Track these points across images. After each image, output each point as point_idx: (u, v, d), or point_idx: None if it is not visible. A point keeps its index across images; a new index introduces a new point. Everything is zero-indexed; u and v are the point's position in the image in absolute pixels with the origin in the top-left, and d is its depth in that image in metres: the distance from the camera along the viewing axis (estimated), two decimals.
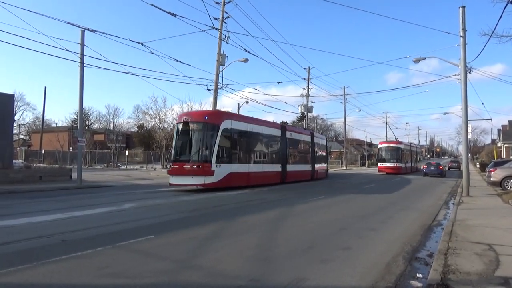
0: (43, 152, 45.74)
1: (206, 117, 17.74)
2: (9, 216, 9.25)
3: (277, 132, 23.60)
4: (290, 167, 24.63)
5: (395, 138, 56.15)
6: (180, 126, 18.15)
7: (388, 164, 39.07)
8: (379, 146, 43.22)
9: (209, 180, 16.76)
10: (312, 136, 30.08)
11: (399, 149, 39.86)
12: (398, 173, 37.88)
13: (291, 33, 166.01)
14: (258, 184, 20.04)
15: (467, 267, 5.25)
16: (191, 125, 17.85)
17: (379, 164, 41.19)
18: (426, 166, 37.14)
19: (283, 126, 25.53)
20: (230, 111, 23.93)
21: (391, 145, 40.93)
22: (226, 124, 17.95)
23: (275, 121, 26.25)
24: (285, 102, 50.17)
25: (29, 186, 17.88)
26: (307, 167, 28.12)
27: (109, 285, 4.56)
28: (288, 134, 24.74)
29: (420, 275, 5.30)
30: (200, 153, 17.18)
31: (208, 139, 17.27)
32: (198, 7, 67.81)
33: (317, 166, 30.14)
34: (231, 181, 17.91)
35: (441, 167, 36.01)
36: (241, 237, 7.45)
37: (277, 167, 22.95)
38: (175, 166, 17.36)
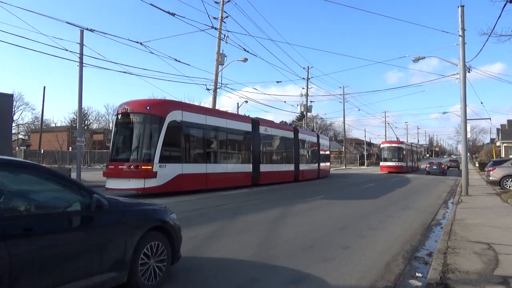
0: (42, 152, 45.68)
1: (148, 107, 14.77)
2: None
3: (247, 127, 20.52)
4: (265, 167, 21.85)
5: (397, 138, 57.39)
6: (119, 118, 15.42)
7: (390, 163, 40.21)
8: (381, 145, 44.14)
9: (150, 183, 13.94)
10: (296, 132, 26.65)
11: (401, 149, 40.85)
12: (400, 172, 38.92)
13: (290, 33, 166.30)
14: (220, 187, 17.41)
15: (466, 266, 5.26)
16: (131, 117, 15.01)
17: (381, 163, 42.15)
18: (429, 165, 38.86)
19: (256, 120, 21.91)
20: (205, 105, 21.81)
21: (393, 144, 41.93)
22: (174, 116, 15.07)
23: (248, 115, 22.79)
24: (284, 101, 50.33)
25: None
26: (289, 167, 24.97)
27: None
28: (262, 129, 21.86)
29: (420, 274, 5.32)
30: (139, 151, 14.44)
31: (151, 133, 14.57)
32: (197, 7, 67.69)
33: (303, 166, 27.23)
34: (182, 184, 15.17)
35: (442, 166, 38.16)
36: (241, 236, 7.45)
37: (247, 167, 20.21)
38: (110, 167, 14.69)
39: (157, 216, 4.51)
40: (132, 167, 14.01)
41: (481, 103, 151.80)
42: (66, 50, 16.52)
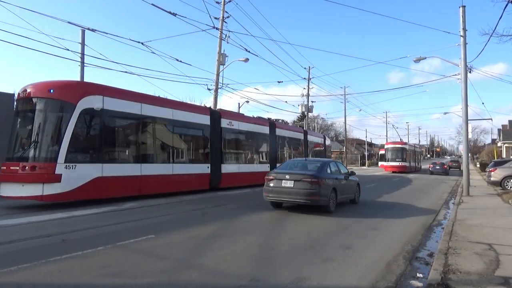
0: None
1: (52, 90, 11.36)
2: (9, 215, 9.26)
3: (202, 119, 16.83)
4: (229, 168, 18.55)
5: (400, 138, 58.81)
6: (18, 105, 12.25)
7: (393, 164, 41.63)
8: (385, 146, 45.43)
9: (51, 189, 10.68)
10: (273, 126, 22.79)
11: (404, 149, 42.26)
12: (403, 172, 40.12)
13: (291, 33, 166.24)
14: (163, 192, 14.27)
15: (467, 266, 5.25)
16: (31, 103, 11.67)
17: (385, 163, 43.43)
18: (432, 165, 40.38)
19: (215, 112, 18.38)
20: (138, 92, 15.04)
21: (397, 145, 43.33)
22: (91, 102, 11.79)
23: (204, 105, 19.24)
24: (286, 101, 50.12)
25: None
26: (262, 167, 21.09)
27: (110, 284, 4.56)
28: (225, 123, 18.30)
29: (421, 275, 5.31)
30: (38, 147, 11.14)
31: (55, 124, 11.38)
32: (199, 7, 67.82)
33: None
34: (102, 190, 11.90)
35: (445, 166, 39.81)
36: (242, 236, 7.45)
37: (203, 168, 16.72)
38: (3, 168, 11.23)
39: (357, 181, 13.69)
40: (27, 168, 10.70)
41: (483, 103, 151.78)
42: (68, 49, 16.52)
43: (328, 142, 35.19)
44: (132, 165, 13.25)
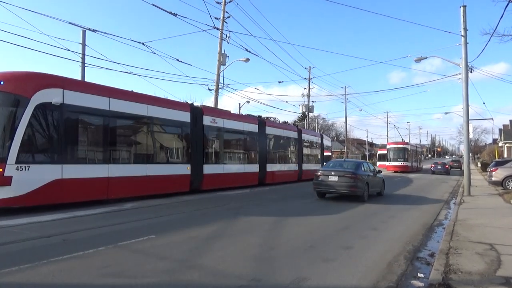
0: None
1: (2, 82, 10.18)
2: (10, 215, 9.26)
3: (182, 116, 15.48)
4: (213, 168, 17.14)
5: (402, 139, 59.49)
6: None
7: (396, 163, 42.25)
8: (387, 146, 45.99)
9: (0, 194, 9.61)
10: (262, 124, 21.50)
11: (406, 149, 42.78)
12: (405, 171, 40.59)
13: (292, 33, 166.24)
14: (136, 195, 13.00)
15: (469, 266, 5.24)
16: None
17: (387, 163, 43.89)
18: (434, 165, 41.29)
19: (197, 108, 16.79)
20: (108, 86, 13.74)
21: (399, 145, 43.81)
22: (48, 96, 10.59)
23: (185, 101, 17.77)
24: (286, 101, 50.15)
25: None
26: (251, 168, 19.98)
27: (111, 284, 4.56)
28: (208, 120, 16.92)
29: (422, 275, 5.30)
30: None
31: (4, 120, 10.29)
32: (199, 7, 67.87)
33: (275, 166, 22.52)
34: (60, 193, 10.67)
35: (446, 166, 40.78)
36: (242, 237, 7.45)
37: (182, 169, 15.34)
38: None
39: (383, 178, 17.00)
40: None
41: (484, 103, 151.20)
42: (68, 50, 16.52)
43: (327, 142, 34.16)
44: (98, 166, 11.98)
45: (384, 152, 52.63)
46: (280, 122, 25.71)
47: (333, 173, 14.02)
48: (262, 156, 21.19)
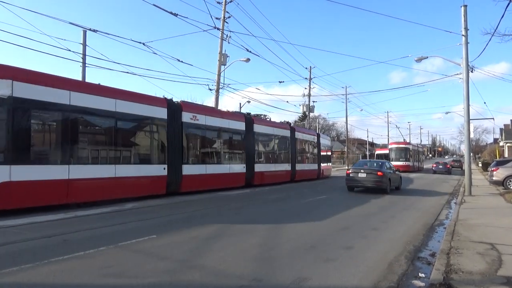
0: None
1: None
2: (10, 216, 9.27)
3: (157, 112, 14.07)
4: (194, 169, 15.70)
5: (403, 139, 61.48)
6: None
7: (398, 163, 42.84)
8: (390, 146, 47.13)
9: None
10: (250, 122, 20.04)
11: (408, 149, 44.05)
12: (407, 171, 41.00)
13: (293, 33, 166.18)
14: (102, 199, 11.80)
15: (470, 266, 5.24)
16: None
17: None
18: (435, 164, 42.26)
19: (174, 104, 15.42)
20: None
21: (401, 145, 45.07)
22: None
23: (164, 97, 15.79)
24: (287, 101, 50.26)
25: None
26: (236, 168, 18.73)
27: (112, 285, 4.56)
28: (187, 117, 15.48)
29: (423, 275, 5.30)
30: None
31: None
32: (200, 7, 67.84)
33: (266, 166, 21.39)
34: (10, 198, 9.61)
35: (448, 166, 41.92)
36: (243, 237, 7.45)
37: (158, 169, 13.95)
38: None
39: (400, 175, 20.36)
40: None
41: (484, 103, 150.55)
42: (69, 50, 16.53)
43: (326, 141, 32.90)
44: (55, 166, 10.76)
45: (382, 152, 54.88)
46: (276, 121, 24.70)
47: (362, 171, 17.47)
48: (250, 156, 19.82)
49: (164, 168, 14.25)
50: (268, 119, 23.43)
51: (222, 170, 17.62)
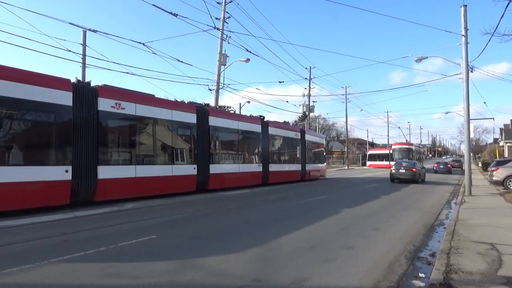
0: None
1: None
2: (11, 216, 9.27)
3: (55, 97, 10.71)
4: (115, 171, 12.52)
5: (406, 139, 66.70)
6: None
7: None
8: (393, 147, 49.60)
9: None
10: (204, 114, 16.62)
11: (411, 150, 46.50)
12: None
13: (292, 33, 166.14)
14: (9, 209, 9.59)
15: (470, 266, 5.24)
16: None
17: (392, 163, 46.20)
18: (436, 164, 43.56)
19: (85, 87, 12.02)
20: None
21: (404, 146, 47.85)
22: None
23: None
24: (287, 101, 50.26)
25: None
26: (183, 170, 15.29)
27: (112, 285, 4.56)
28: (106, 104, 12.29)
29: (423, 275, 5.30)
30: None
31: None
32: (200, 7, 67.99)
33: (230, 166, 18.09)
34: None
35: (448, 166, 43.37)
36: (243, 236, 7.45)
37: (56, 173, 10.63)
38: None
39: (425, 171, 29.04)
40: None
41: (484, 103, 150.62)
42: (69, 50, 16.53)
43: (310, 137, 27.98)
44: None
45: (374, 152, 60.87)
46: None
47: (401, 169, 25.03)
48: (202, 154, 16.29)
49: (67, 171, 10.90)
50: (232, 111, 19.84)
51: (161, 172, 14.30)
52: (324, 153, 31.91)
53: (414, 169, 24.40)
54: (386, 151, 57.54)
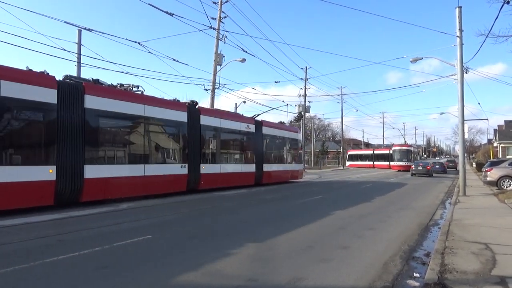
0: None
1: None
2: (5, 216, 9.20)
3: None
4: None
5: (404, 141, 70.17)
6: None
7: (400, 163, 47.81)
8: (393, 148, 51.56)
9: None
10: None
11: (409, 151, 48.93)
12: (408, 171, 43.21)
13: (288, 33, 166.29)
14: None
15: (464, 266, 5.27)
16: None
17: (392, 163, 50.14)
18: (432, 165, 39.08)
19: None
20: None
21: (403, 147, 50.13)
22: None
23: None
24: (283, 101, 50.32)
25: None
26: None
27: (107, 285, 4.54)
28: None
29: (417, 275, 5.33)
30: None
31: None
32: (196, 7, 67.85)
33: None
34: None
35: (444, 166, 43.93)
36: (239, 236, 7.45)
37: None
38: None
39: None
40: None
41: (479, 104, 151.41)
42: (64, 50, 16.46)
43: (273, 131, 23.12)
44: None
45: (354, 152, 64.27)
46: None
47: (420, 167, 34.67)
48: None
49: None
50: (140, 92, 14.46)
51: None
52: (300, 151, 27.11)
53: (428, 167, 34.44)
54: (367, 152, 61.71)
